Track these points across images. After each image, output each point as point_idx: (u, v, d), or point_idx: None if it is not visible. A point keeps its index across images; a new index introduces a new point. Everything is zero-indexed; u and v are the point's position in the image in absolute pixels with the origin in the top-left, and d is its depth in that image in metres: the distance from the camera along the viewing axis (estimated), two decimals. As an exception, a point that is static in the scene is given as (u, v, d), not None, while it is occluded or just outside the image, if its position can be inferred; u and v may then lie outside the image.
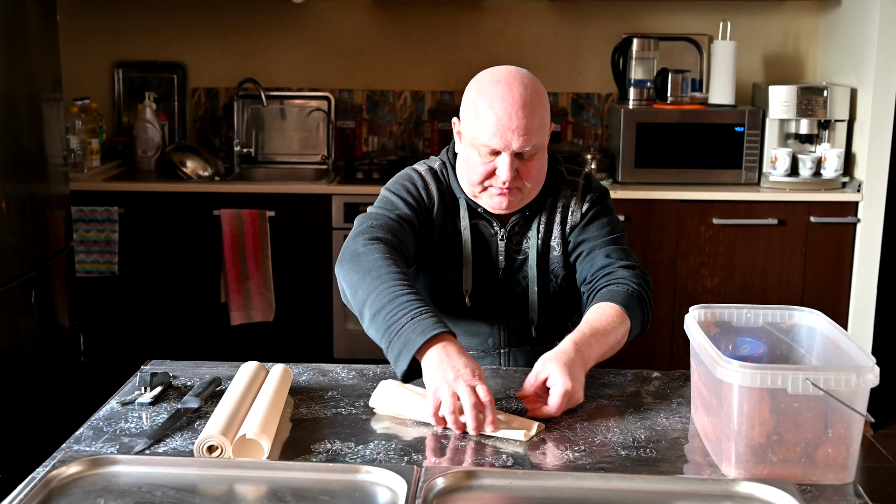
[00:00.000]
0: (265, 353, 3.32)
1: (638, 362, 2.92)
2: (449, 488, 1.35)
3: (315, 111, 4.19)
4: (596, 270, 1.92)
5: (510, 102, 1.80)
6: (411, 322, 1.62)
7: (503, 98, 1.80)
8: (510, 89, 1.81)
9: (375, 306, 1.67)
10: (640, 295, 1.86)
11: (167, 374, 1.79)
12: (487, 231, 1.97)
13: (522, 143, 1.80)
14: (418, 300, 1.66)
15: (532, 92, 1.82)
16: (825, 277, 3.69)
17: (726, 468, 1.44)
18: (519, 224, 1.97)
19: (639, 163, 3.75)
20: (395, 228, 1.86)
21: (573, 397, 1.64)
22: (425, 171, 1.98)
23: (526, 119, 1.79)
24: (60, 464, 1.40)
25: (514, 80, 1.82)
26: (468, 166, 1.88)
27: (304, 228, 3.69)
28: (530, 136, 1.80)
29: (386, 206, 1.92)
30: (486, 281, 1.97)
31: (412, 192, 1.94)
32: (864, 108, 3.64)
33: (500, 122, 1.79)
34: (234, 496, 1.38)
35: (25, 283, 2.88)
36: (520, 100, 1.80)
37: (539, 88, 1.85)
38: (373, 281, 1.70)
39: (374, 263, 1.73)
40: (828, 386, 1.35)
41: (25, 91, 2.93)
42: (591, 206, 1.97)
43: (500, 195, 1.87)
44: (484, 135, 1.81)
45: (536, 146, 1.83)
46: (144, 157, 4.02)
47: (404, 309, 1.64)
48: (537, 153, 1.85)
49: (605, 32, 4.13)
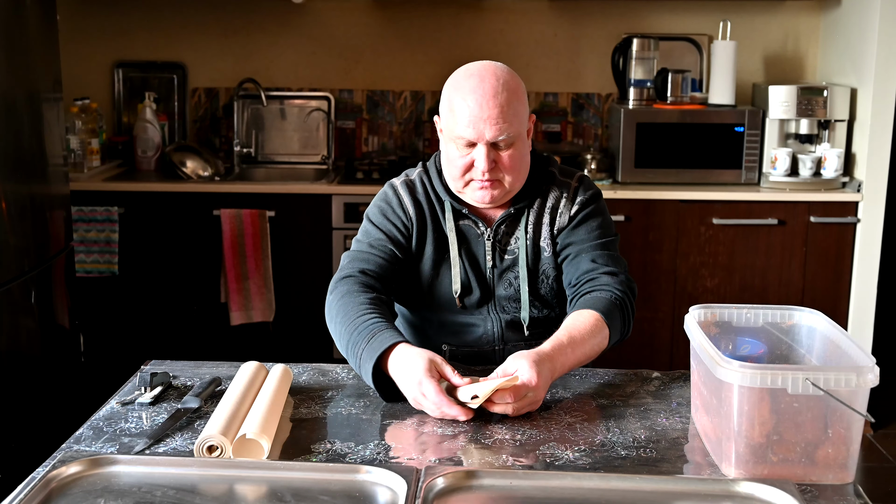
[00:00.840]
0: (265, 353, 3.32)
1: (638, 362, 2.92)
2: (449, 488, 1.35)
3: (315, 111, 4.19)
4: (580, 275, 1.93)
5: (481, 93, 1.83)
6: (367, 347, 1.71)
7: (475, 90, 1.84)
8: (482, 81, 1.85)
9: (342, 344, 1.79)
10: (623, 303, 1.87)
11: (167, 374, 1.79)
12: (473, 231, 1.98)
13: (496, 133, 1.83)
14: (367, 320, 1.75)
15: (504, 83, 1.85)
16: (825, 277, 3.69)
17: (726, 468, 1.44)
18: (506, 223, 1.98)
19: (639, 163, 3.75)
20: (368, 259, 1.93)
21: (534, 398, 1.64)
22: (401, 184, 2.02)
23: (498, 108, 1.83)
24: (60, 464, 1.40)
25: (487, 73, 1.86)
26: (449, 161, 1.92)
27: (304, 228, 3.70)
28: (503, 126, 1.83)
29: (363, 237, 2.00)
30: (476, 281, 1.98)
31: (387, 213, 1.99)
32: (864, 108, 3.64)
33: (472, 112, 1.83)
34: (234, 496, 1.38)
35: (25, 283, 2.88)
36: (491, 90, 1.83)
37: (513, 80, 1.87)
38: (339, 325, 1.81)
39: (340, 307, 1.82)
40: (828, 386, 1.35)
41: (25, 91, 2.93)
42: (580, 208, 1.98)
43: (482, 188, 1.90)
44: (459, 126, 1.85)
45: (511, 136, 1.85)
46: (144, 157, 4.02)
47: (360, 335, 1.73)
48: (514, 143, 1.87)
49: (605, 32, 4.13)
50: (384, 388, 1.70)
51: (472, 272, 1.98)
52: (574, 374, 1.85)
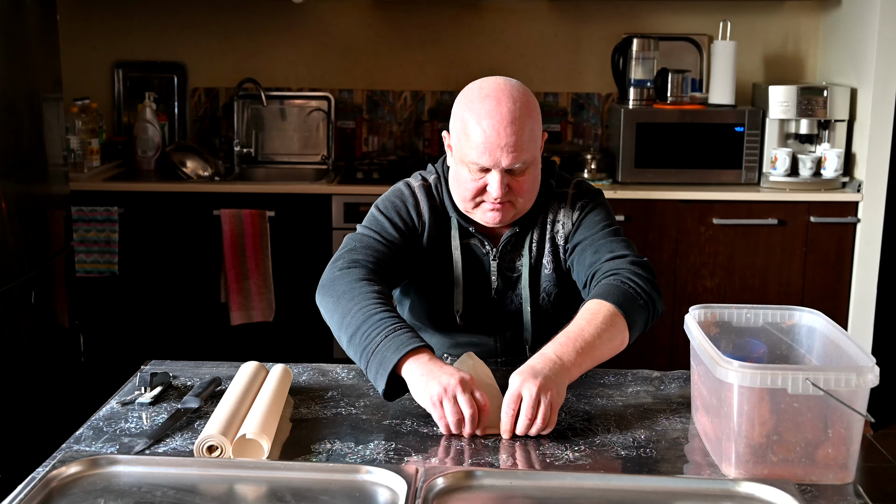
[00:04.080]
0: (265, 353, 3.32)
1: (638, 362, 2.92)
2: (449, 488, 1.35)
3: (315, 111, 4.19)
4: (587, 268, 1.86)
5: (498, 119, 1.75)
6: (385, 340, 1.62)
7: (491, 114, 1.75)
8: (498, 104, 1.76)
9: (351, 328, 1.67)
10: (629, 281, 1.75)
11: (167, 374, 1.79)
12: (479, 251, 1.94)
13: (512, 161, 1.77)
14: (392, 317, 1.66)
15: (521, 106, 1.77)
16: (825, 277, 3.69)
17: (726, 468, 1.44)
18: (511, 242, 1.93)
19: (639, 163, 3.75)
20: (377, 250, 1.84)
21: (545, 412, 1.53)
22: (418, 186, 1.95)
23: (515, 136, 1.75)
24: (60, 464, 1.40)
25: (503, 95, 1.77)
26: (459, 182, 1.85)
27: (304, 228, 3.70)
28: (520, 153, 1.76)
29: (373, 225, 1.91)
30: (479, 300, 1.94)
31: (401, 211, 1.92)
32: (864, 108, 3.64)
33: (489, 139, 1.75)
34: (234, 496, 1.38)
35: (25, 283, 2.88)
36: (508, 115, 1.75)
37: (529, 101, 1.80)
38: (347, 303, 1.70)
39: (349, 286, 1.73)
40: (828, 386, 1.35)
41: (25, 91, 2.93)
42: (580, 212, 1.92)
43: (493, 210, 1.83)
44: (473, 152, 1.77)
45: (527, 161, 1.79)
46: (144, 157, 4.02)
47: (378, 327, 1.64)
48: (529, 168, 1.81)
49: (605, 32, 4.13)
50: (389, 386, 1.63)
51: (476, 292, 1.94)
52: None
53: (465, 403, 1.53)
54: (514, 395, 1.54)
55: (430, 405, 1.56)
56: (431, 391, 1.55)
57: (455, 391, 1.54)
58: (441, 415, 1.55)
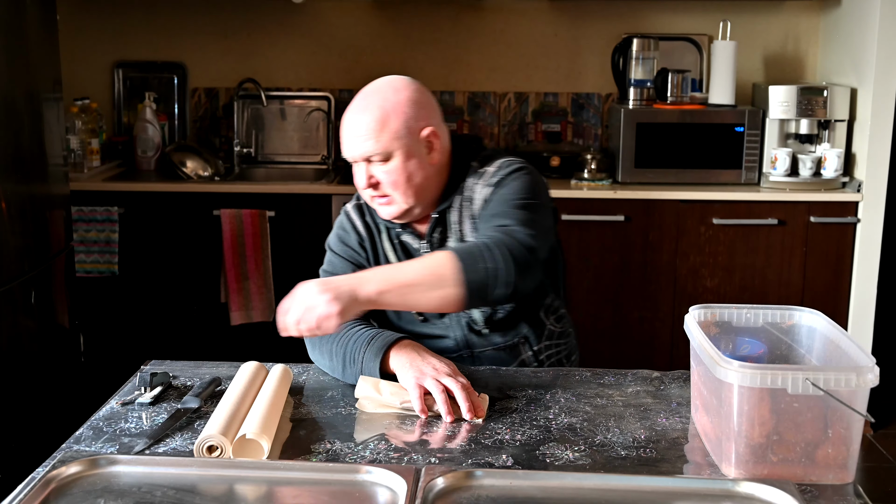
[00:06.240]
0: (265, 353, 3.30)
1: (638, 362, 2.92)
2: (449, 488, 1.35)
3: (315, 111, 4.19)
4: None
5: (355, 110, 1.82)
6: (367, 350, 1.73)
7: (352, 107, 1.83)
8: (360, 97, 1.83)
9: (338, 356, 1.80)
10: (483, 252, 1.67)
11: (167, 374, 1.79)
12: (412, 247, 1.96)
13: (364, 151, 1.80)
14: (363, 328, 1.78)
15: (385, 99, 1.80)
16: (825, 277, 3.69)
17: (726, 468, 1.44)
18: (437, 231, 1.93)
19: (639, 163, 3.75)
20: None
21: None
22: (352, 208, 2.01)
23: (365, 126, 1.79)
24: (60, 464, 1.40)
25: (370, 89, 1.83)
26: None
27: (304, 228, 3.70)
28: (374, 143, 1.79)
29: (328, 266, 2.01)
30: None
31: (346, 241, 2.00)
32: (864, 108, 3.63)
33: (346, 130, 1.83)
34: (234, 496, 1.38)
35: (25, 283, 2.88)
36: (361, 106, 1.81)
37: (403, 95, 1.81)
38: (329, 352, 1.82)
39: (331, 337, 1.81)
40: (828, 386, 1.35)
41: (25, 91, 2.93)
42: (494, 188, 1.86)
43: (379, 205, 1.89)
44: (342, 146, 1.85)
45: (384, 153, 1.80)
46: (144, 157, 4.02)
47: (356, 342, 1.76)
48: (391, 160, 1.81)
49: (605, 32, 4.12)
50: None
51: None
52: (574, 374, 1.85)
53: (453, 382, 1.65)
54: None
55: (412, 385, 1.66)
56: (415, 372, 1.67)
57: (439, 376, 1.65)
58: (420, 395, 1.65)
